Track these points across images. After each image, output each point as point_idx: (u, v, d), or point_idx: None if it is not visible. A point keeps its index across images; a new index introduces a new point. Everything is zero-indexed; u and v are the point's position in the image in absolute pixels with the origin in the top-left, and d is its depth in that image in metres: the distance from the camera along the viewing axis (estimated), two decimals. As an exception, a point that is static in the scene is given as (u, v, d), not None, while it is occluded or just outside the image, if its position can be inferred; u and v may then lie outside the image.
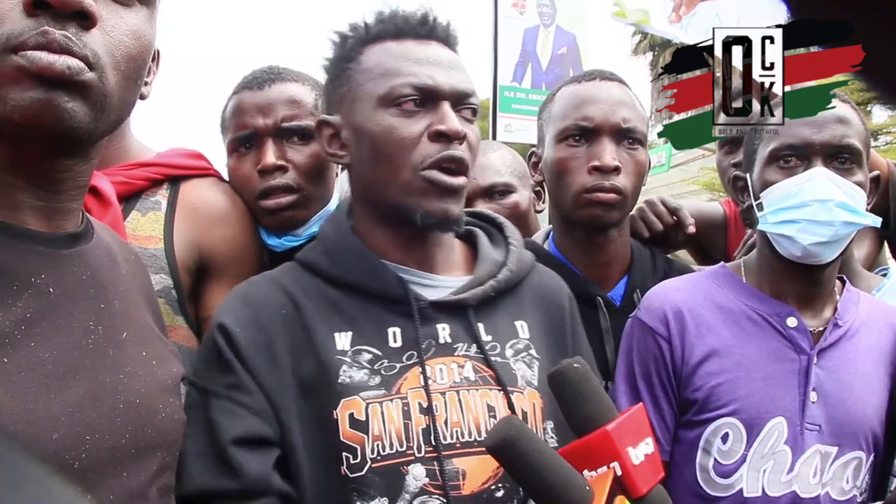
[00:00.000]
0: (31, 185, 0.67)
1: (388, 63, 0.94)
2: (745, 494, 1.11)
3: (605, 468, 0.66)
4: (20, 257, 0.65)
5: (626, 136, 1.27)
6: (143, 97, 0.75)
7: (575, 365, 0.70)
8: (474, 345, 0.95)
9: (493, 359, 0.95)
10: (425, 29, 0.96)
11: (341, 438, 0.87)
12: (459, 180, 0.94)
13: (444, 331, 0.95)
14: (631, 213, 1.40)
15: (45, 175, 0.67)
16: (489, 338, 0.97)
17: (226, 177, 1.36)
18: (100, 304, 0.71)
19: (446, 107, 0.93)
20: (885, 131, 15.13)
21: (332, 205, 1.37)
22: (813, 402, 1.11)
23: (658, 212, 1.50)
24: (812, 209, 1.08)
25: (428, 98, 0.93)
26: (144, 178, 1.19)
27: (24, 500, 0.25)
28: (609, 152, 1.24)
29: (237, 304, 0.95)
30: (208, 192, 1.26)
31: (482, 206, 1.55)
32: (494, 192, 1.59)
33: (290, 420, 0.89)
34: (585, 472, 0.66)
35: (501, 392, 0.93)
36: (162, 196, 1.21)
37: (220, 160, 1.39)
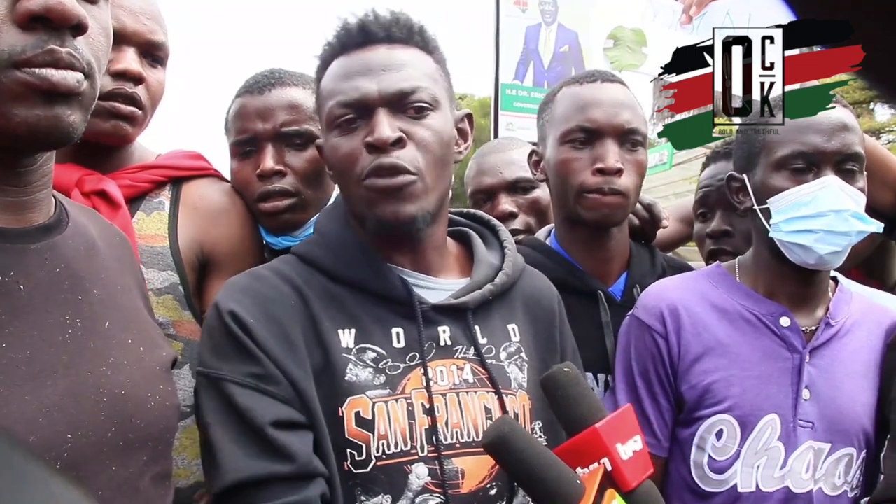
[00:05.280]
0: None
1: (329, 86, 0.97)
2: (739, 490, 1.12)
3: (595, 465, 0.69)
4: None
5: (629, 138, 1.29)
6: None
7: (565, 370, 0.74)
8: (472, 348, 0.97)
9: (489, 362, 0.96)
10: (363, 36, 0.95)
11: (346, 436, 0.87)
12: (398, 180, 0.91)
13: (444, 333, 0.96)
14: None
15: (10, 171, 0.66)
16: (485, 340, 0.98)
17: (227, 176, 1.37)
18: (77, 296, 0.68)
19: (380, 115, 0.92)
20: (886, 130, 15.10)
21: (332, 206, 1.37)
22: (805, 400, 1.13)
23: (634, 209, 1.51)
24: (828, 220, 1.09)
25: (361, 111, 0.93)
26: (148, 181, 1.21)
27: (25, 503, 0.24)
28: (612, 154, 1.26)
29: (244, 297, 0.91)
30: (208, 191, 1.28)
31: (505, 199, 1.61)
32: (518, 186, 1.63)
33: (316, 408, 0.87)
34: (578, 470, 0.69)
35: (496, 395, 0.95)
36: (165, 196, 1.23)
37: (224, 159, 1.41)
